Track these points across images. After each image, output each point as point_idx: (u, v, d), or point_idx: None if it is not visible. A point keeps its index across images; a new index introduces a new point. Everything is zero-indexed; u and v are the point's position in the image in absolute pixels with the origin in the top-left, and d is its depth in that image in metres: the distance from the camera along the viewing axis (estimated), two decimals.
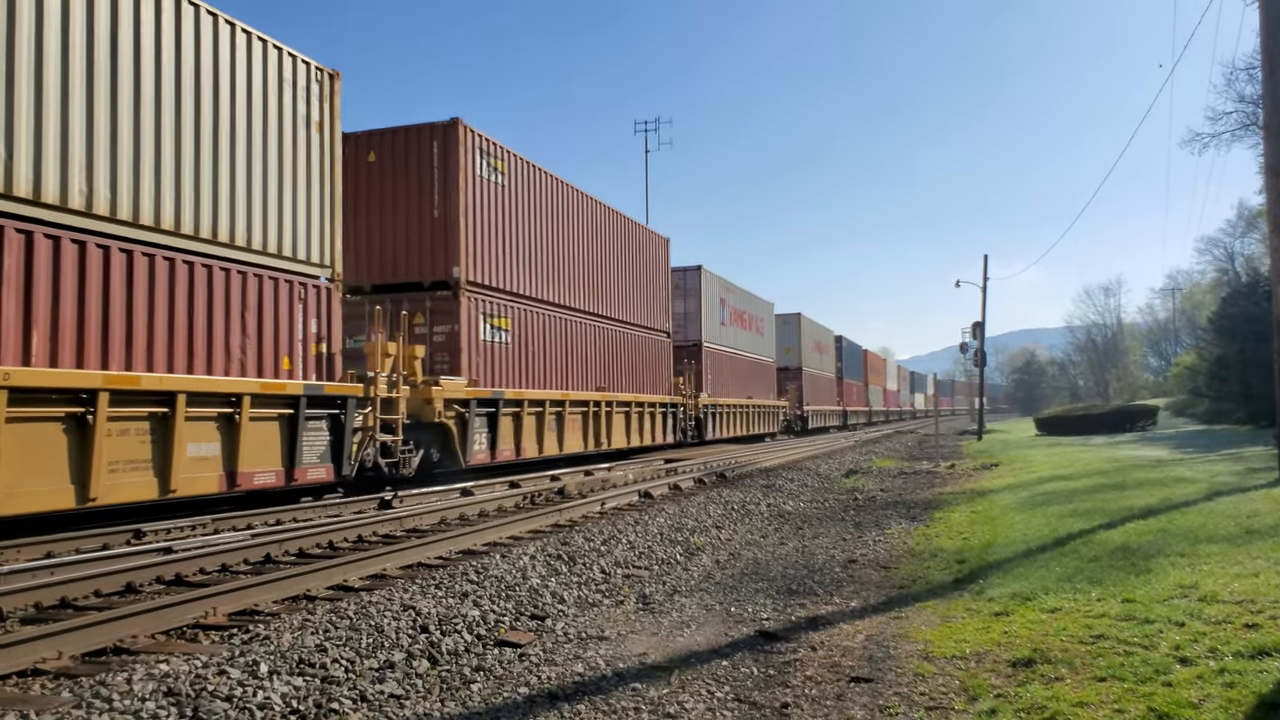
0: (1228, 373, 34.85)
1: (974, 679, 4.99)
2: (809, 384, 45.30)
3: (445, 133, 15.88)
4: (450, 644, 5.77)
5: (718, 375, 30.93)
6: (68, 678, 4.84)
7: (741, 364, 34.46)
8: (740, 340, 34.54)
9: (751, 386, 35.48)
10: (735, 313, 34.22)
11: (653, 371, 24.98)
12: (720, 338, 31.58)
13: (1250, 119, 34.00)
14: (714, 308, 31.15)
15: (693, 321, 29.53)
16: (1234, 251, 60.91)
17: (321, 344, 12.09)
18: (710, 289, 30.79)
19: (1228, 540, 8.27)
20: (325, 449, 11.94)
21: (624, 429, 22.40)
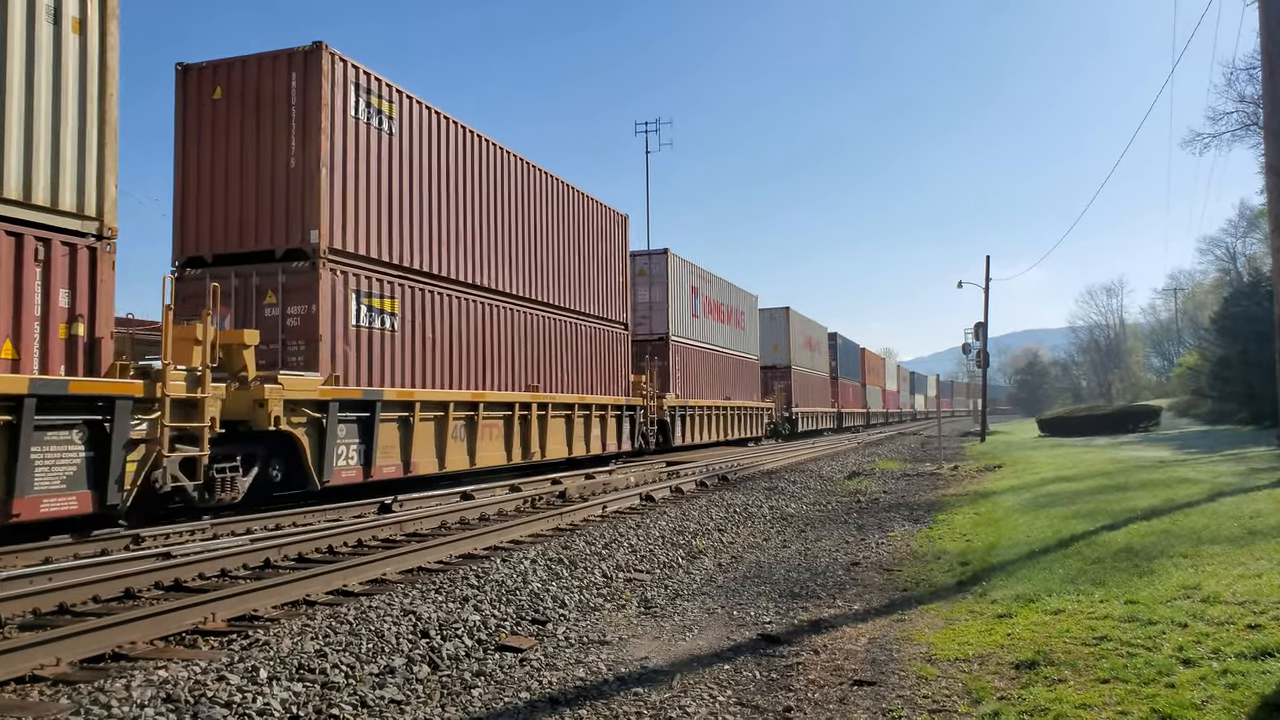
0: (1230, 373, 34.81)
1: (977, 681, 4.96)
2: (799, 384, 42.40)
3: (306, 61, 12.66)
4: (451, 649, 5.75)
5: (688, 373, 27.57)
6: (66, 684, 4.81)
7: (718, 361, 31.10)
8: (717, 335, 31.13)
9: (731, 386, 32.34)
10: (710, 304, 30.59)
11: (605, 368, 21.47)
12: (692, 331, 28.26)
13: (1251, 119, 33.98)
14: (684, 297, 27.63)
15: (658, 312, 25.91)
16: (1236, 251, 60.90)
17: (76, 324, 9.01)
18: (680, 276, 27.32)
19: (1230, 541, 8.24)
20: (78, 470, 8.73)
21: (564, 436, 18.90)
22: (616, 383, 22.13)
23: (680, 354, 26.96)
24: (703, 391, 29.00)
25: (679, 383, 26.64)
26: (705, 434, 29.11)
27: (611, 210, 22.45)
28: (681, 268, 27.68)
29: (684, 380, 27.14)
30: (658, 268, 26.32)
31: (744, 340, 34.97)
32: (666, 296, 26.22)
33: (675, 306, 26.81)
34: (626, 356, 22.83)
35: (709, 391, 29.66)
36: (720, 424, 30.76)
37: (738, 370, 33.72)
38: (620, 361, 22.46)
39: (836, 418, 52.68)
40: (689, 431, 27.62)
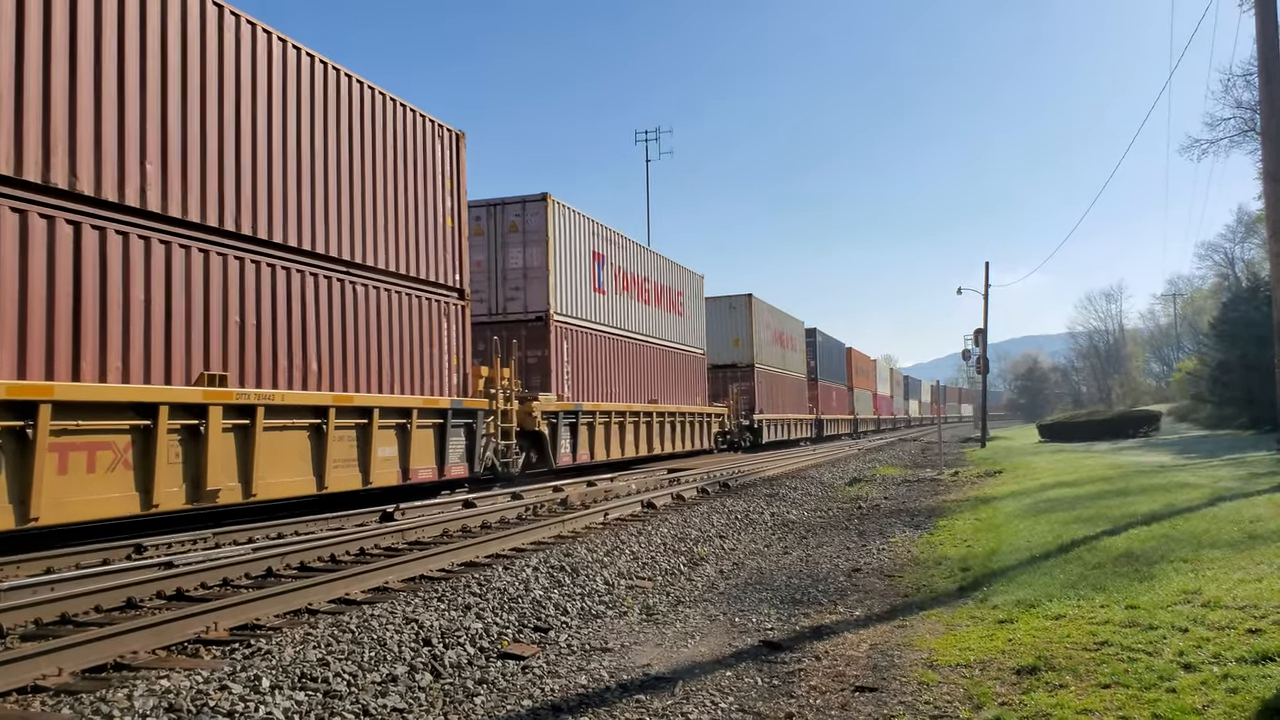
0: (1230, 378, 34.84)
1: (978, 687, 4.97)
2: (766, 386, 36.05)
3: None
4: (453, 657, 5.76)
5: (586, 367, 20.97)
6: (68, 694, 4.82)
7: (639, 353, 24.56)
8: (637, 319, 24.53)
9: (661, 386, 25.80)
10: (626, 278, 24.10)
11: (417, 354, 13.99)
12: (593, 311, 21.62)
13: (1248, 125, 34.08)
14: (578, 263, 21.03)
15: (535, 283, 19.43)
16: (1234, 257, 60.97)
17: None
18: (570, 234, 20.62)
19: (1231, 546, 8.24)
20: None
21: (311, 460, 11.48)
22: (431, 377, 14.33)
23: (571, 340, 20.21)
24: (611, 391, 22.31)
25: (568, 379, 19.97)
26: (616, 448, 22.20)
27: (428, 119, 14.66)
28: (573, 223, 20.83)
29: (578, 376, 20.45)
30: (534, 221, 19.42)
31: (683, 329, 28.48)
32: (548, 260, 19.29)
33: (563, 275, 20.10)
34: (461, 338, 15.24)
35: (623, 391, 23.03)
36: (638, 434, 23.78)
37: (672, 366, 26.86)
38: (448, 344, 14.79)
39: (815, 425, 46.05)
40: (584, 445, 20.37)
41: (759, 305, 36.07)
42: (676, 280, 28.64)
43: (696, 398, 29.25)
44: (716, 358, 34.16)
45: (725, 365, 34.56)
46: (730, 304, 35.11)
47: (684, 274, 29.50)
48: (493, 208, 19.91)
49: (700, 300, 31.11)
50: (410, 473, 13.46)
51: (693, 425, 28.13)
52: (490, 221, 19.96)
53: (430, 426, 14.13)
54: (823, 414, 47.57)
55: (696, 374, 29.67)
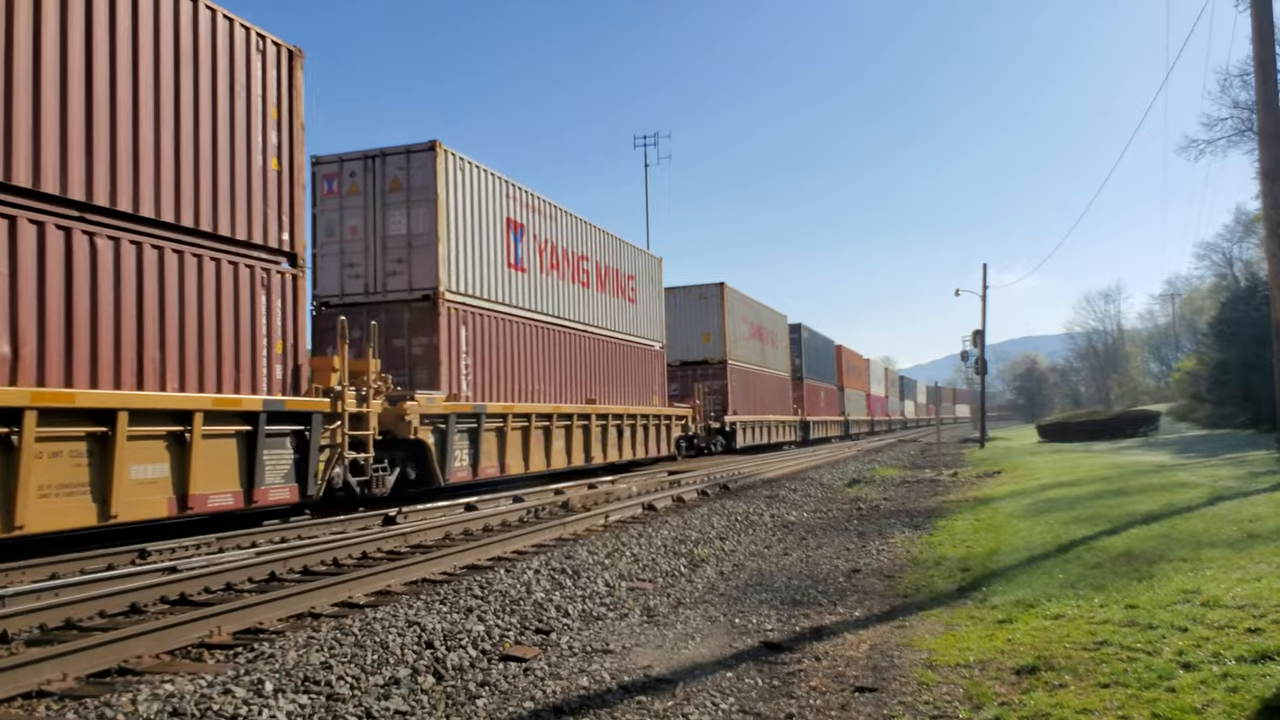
0: (1228, 377, 34.88)
1: (978, 687, 5.00)
2: (740, 384, 32.60)
3: None
4: (455, 659, 5.78)
5: (492, 359, 16.95)
6: (73, 699, 4.84)
7: (579, 345, 20.85)
8: (573, 304, 20.68)
9: (606, 383, 22.11)
10: (558, 255, 20.05)
11: (198, 337, 10.32)
12: (504, 290, 17.59)
13: (1245, 125, 34.13)
14: (484, 233, 17.00)
15: (423, 253, 15.63)
16: (1232, 256, 61.02)
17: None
18: (471, 196, 16.63)
19: (1230, 545, 8.27)
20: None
21: None
22: (248, 368, 11.00)
23: (472, 325, 16.40)
24: (530, 389, 18.34)
25: (468, 374, 16.18)
26: (538, 458, 17.93)
27: (241, 24, 11.14)
28: (477, 182, 16.85)
29: (483, 370, 16.65)
30: (421, 175, 15.77)
31: (636, 319, 24.75)
32: (438, 225, 15.56)
33: (461, 245, 16.23)
34: (293, 318, 11.85)
35: (549, 389, 19.23)
36: (577, 442, 19.68)
37: (620, 361, 23.29)
38: (269, 326, 11.38)
39: (800, 428, 42.68)
40: (490, 456, 16.26)
41: (733, 296, 32.50)
42: (627, 261, 24.28)
43: (653, 397, 25.25)
44: (684, 353, 31.29)
45: (694, 362, 31.34)
46: (700, 293, 31.61)
47: (637, 255, 25.19)
48: (370, 160, 16.14)
49: (657, 286, 26.77)
50: (192, 499, 9.81)
51: (646, 429, 23.98)
52: (368, 178, 16.22)
53: (230, 435, 10.42)
54: (809, 415, 44.12)
55: (653, 370, 25.63)
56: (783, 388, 40.15)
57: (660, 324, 27.03)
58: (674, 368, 30.43)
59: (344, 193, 16.37)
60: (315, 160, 16.46)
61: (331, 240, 16.48)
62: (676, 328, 30.86)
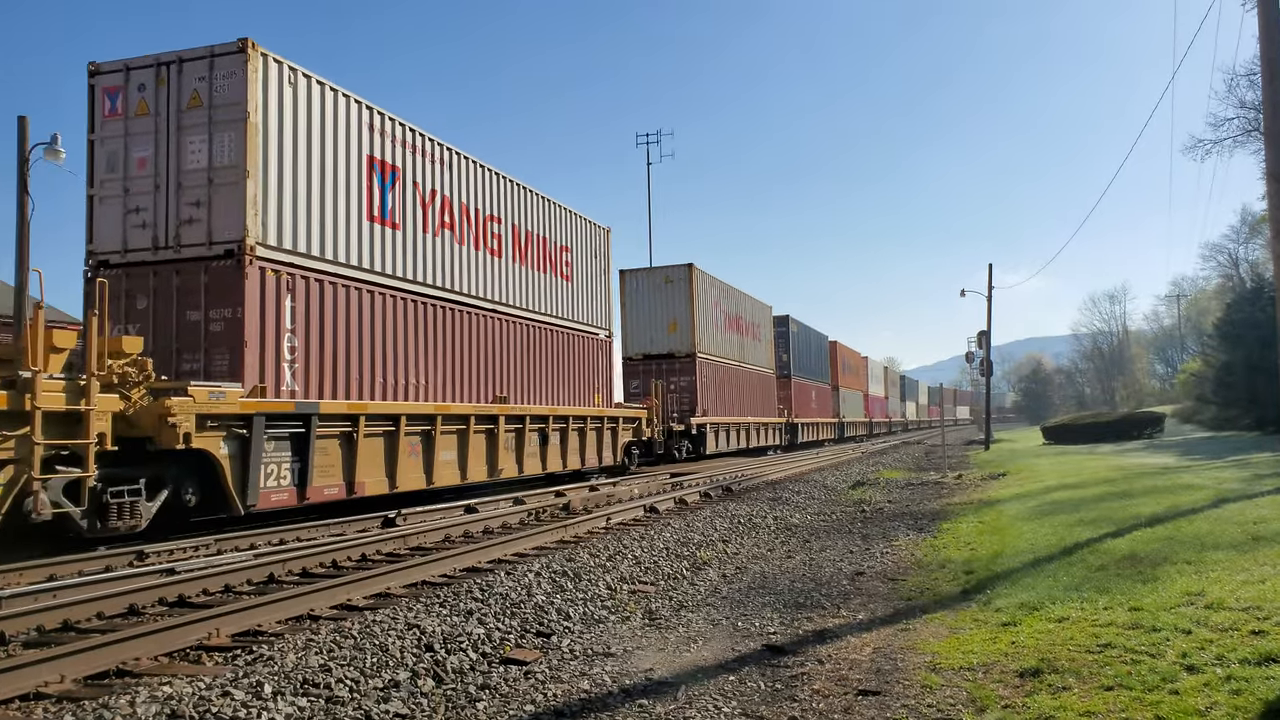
0: (1234, 379, 34.78)
1: (981, 690, 4.96)
2: (713, 381, 28.84)
3: None
4: (455, 662, 5.76)
5: (335, 342, 12.79)
6: (70, 701, 4.82)
7: (485, 328, 16.56)
8: (474, 275, 16.22)
9: (527, 378, 17.81)
10: (452, 211, 15.77)
11: None
12: (355, 250, 13.28)
13: (1252, 125, 34.05)
14: (329, 172, 12.86)
15: (226, 193, 11.60)
16: (1238, 257, 60.87)
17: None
18: (305, 118, 12.48)
19: (1234, 547, 8.22)
20: None
21: None
22: None
23: (302, 293, 12.21)
24: (401, 383, 14.03)
25: (296, 359, 12.06)
26: (412, 473, 13.89)
27: None
28: (318, 101, 12.63)
29: (324, 355, 12.52)
30: (229, 89, 11.67)
31: (572, 300, 20.26)
32: (246, 157, 11.47)
33: (286, 185, 12.03)
34: None
35: (435, 384, 14.90)
36: (478, 450, 15.61)
37: (549, 350, 18.94)
38: None
39: (787, 430, 38.78)
40: (331, 472, 12.28)
41: (704, 280, 28.69)
42: (560, 229, 19.79)
43: (595, 395, 21.01)
44: (646, 345, 27.65)
45: (659, 356, 27.59)
46: (665, 276, 27.67)
47: (575, 222, 20.59)
48: (165, 68, 11.92)
49: (603, 261, 22.19)
50: None
51: (583, 434, 19.78)
52: (162, 92, 11.93)
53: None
54: (797, 417, 40.37)
55: (596, 363, 21.31)
56: (766, 386, 36.19)
57: (606, 308, 22.12)
58: (634, 362, 27.72)
59: (130, 113, 12.01)
60: (94, 69, 12.15)
61: (113, 178, 12.00)
62: (638, 316, 27.84)
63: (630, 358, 27.77)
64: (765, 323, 37.03)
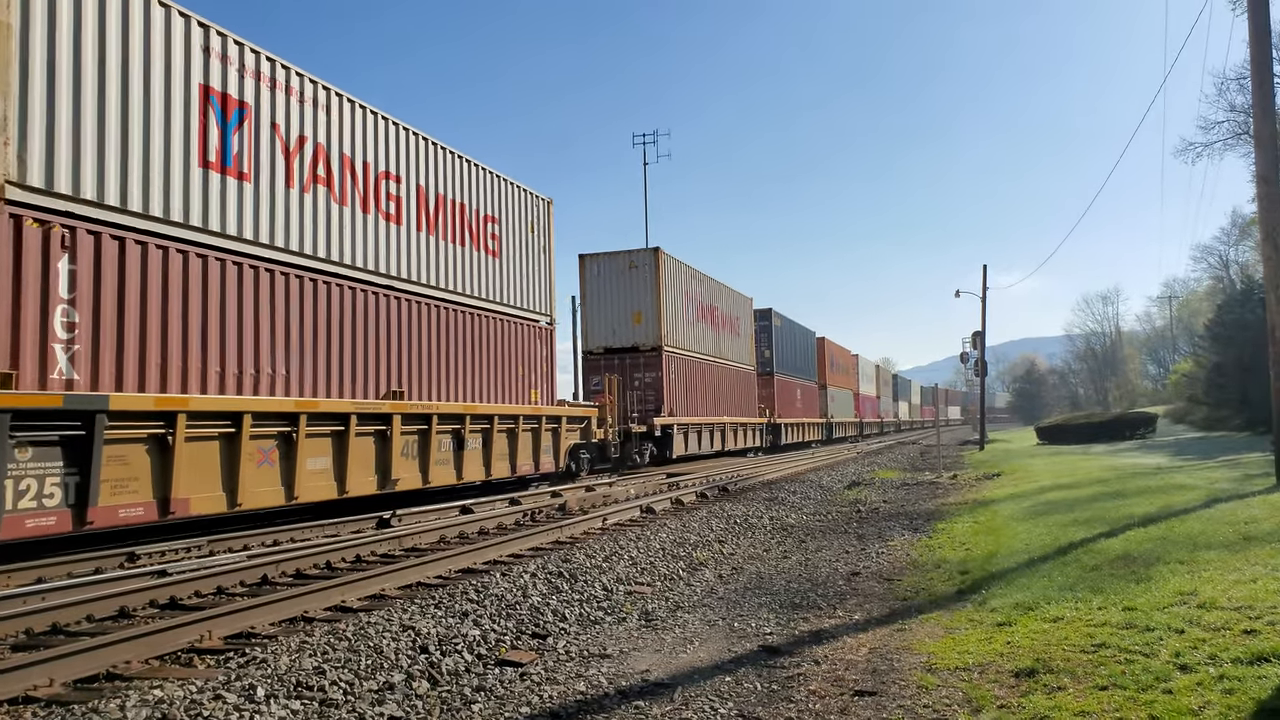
0: (1225, 380, 34.94)
1: (977, 690, 4.96)
2: (681, 377, 26.43)
3: None
4: (450, 664, 5.73)
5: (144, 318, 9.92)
6: (60, 705, 4.79)
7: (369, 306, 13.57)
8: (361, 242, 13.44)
9: (430, 369, 14.88)
10: (323, 159, 12.90)
11: None
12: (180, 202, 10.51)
13: (1242, 128, 34.23)
14: (137, 98, 10.03)
15: None
16: (1229, 259, 61.19)
17: None
18: (92, 23, 9.51)
19: (1226, 547, 8.24)
20: None
21: None
22: None
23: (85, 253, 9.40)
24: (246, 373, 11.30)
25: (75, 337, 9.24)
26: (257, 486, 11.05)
27: None
28: (118, 6, 9.87)
29: (125, 334, 9.77)
30: None
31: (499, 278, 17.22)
32: None
33: (59, 107, 9.22)
34: None
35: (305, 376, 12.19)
36: (358, 455, 12.69)
37: (470, 337, 16.11)
38: None
39: (768, 431, 36.56)
40: (138, 486, 9.46)
41: (673, 266, 26.30)
42: (484, 195, 16.91)
43: (532, 391, 18.15)
44: (608, 338, 25.45)
45: (622, 349, 25.33)
46: (629, 261, 25.20)
47: (504, 189, 17.60)
48: None
49: (542, 238, 19.14)
50: None
51: (513, 435, 16.72)
52: None
53: None
54: (781, 417, 37.94)
55: (533, 354, 18.30)
56: (745, 384, 33.69)
57: (547, 291, 19.30)
58: (595, 356, 25.60)
59: None
60: None
61: None
62: (599, 305, 25.69)
63: (590, 352, 25.61)
64: (745, 316, 34.56)
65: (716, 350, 30.41)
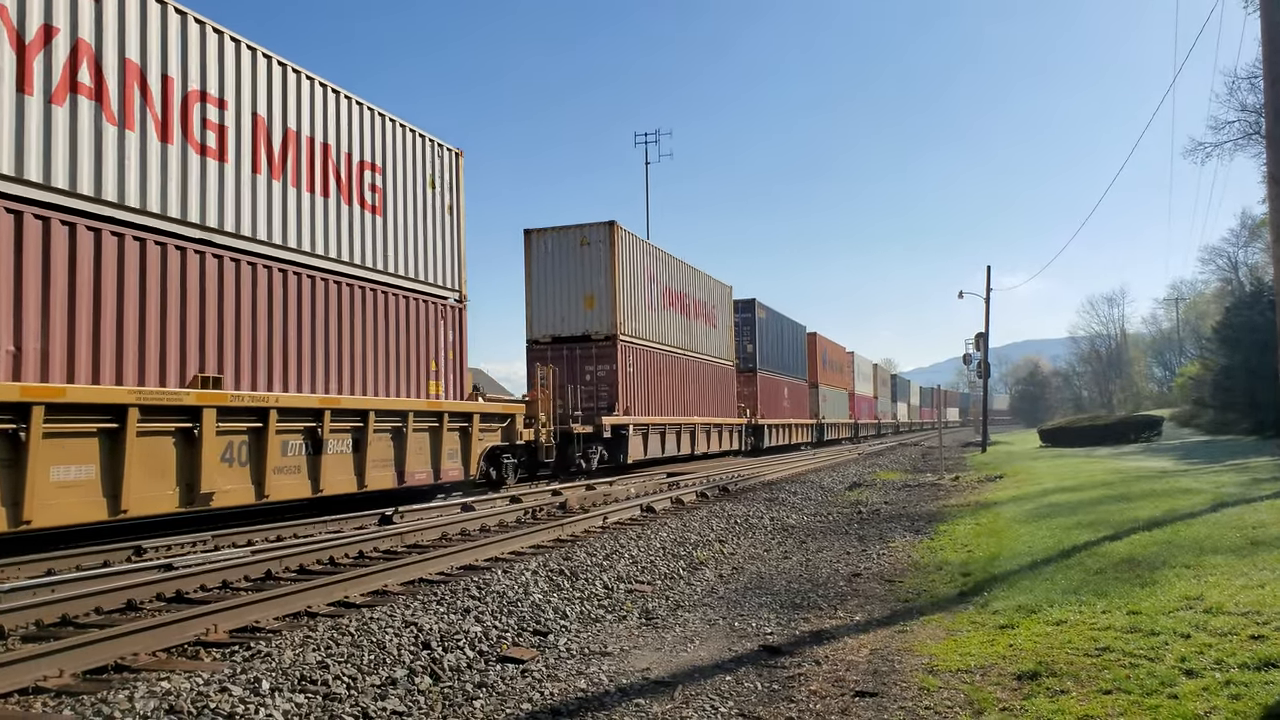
0: (1232, 383, 34.79)
1: (978, 692, 4.96)
2: (640, 370, 23.51)
3: None
4: (452, 660, 5.75)
5: None
6: (69, 696, 4.82)
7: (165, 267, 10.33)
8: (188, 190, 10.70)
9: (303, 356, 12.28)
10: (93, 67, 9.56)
11: None
12: None
13: (1253, 128, 34.10)
14: None
15: None
16: (1237, 261, 60.97)
17: None
18: None
19: (1233, 551, 8.23)
20: None
21: None
22: None
23: None
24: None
25: None
26: None
27: None
28: None
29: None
30: None
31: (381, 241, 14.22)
32: None
33: None
34: None
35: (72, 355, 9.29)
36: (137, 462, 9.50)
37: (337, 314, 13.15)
38: None
39: (748, 433, 33.60)
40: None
41: (630, 244, 23.19)
42: (361, 138, 13.85)
43: (432, 382, 15.15)
44: (556, 325, 22.58)
45: (572, 338, 22.41)
46: (582, 237, 22.22)
47: (387, 130, 14.46)
48: None
49: (450, 197, 15.96)
50: None
51: (400, 437, 13.86)
52: None
53: None
54: (764, 417, 35.14)
55: (433, 338, 15.26)
56: (722, 380, 30.82)
57: (454, 260, 16.11)
58: (541, 346, 22.52)
59: None
60: None
61: None
62: (546, 287, 22.75)
63: (536, 341, 22.74)
64: (723, 306, 31.78)
65: (687, 342, 27.55)
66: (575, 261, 22.54)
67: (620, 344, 22.44)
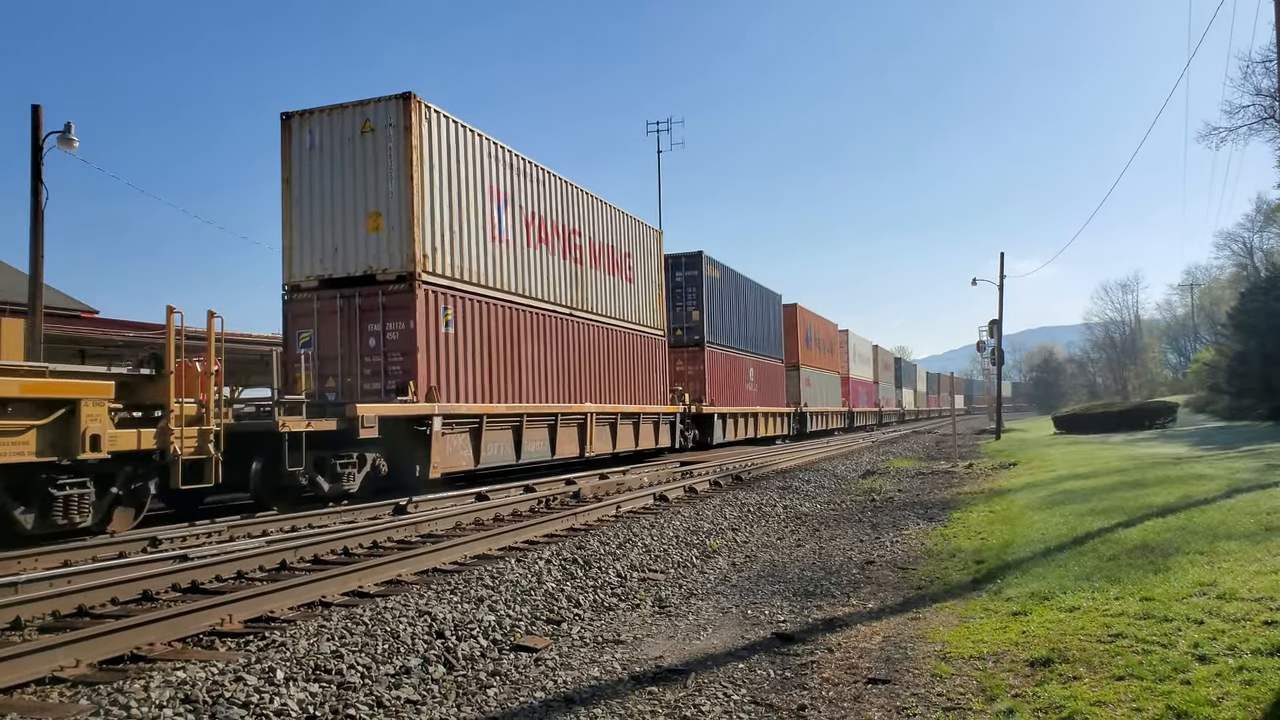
0: (1248, 369, 34.51)
1: (992, 679, 4.95)
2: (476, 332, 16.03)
3: None
4: (466, 649, 5.78)
5: None
6: (86, 685, 4.87)
7: None
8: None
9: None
10: None
11: None
12: None
13: (1267, 112, 33.72)
14: None
15: None
16: (1253, 246, 60.40)
17: None
18: None
19: (1247, 538, 8.17)
20: None
21: None
22: None
23: None
24: None
25: None
26: None
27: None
28: None
29: None
30: None
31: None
32: None
33: None
34: None
35: None
36: None
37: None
38: None
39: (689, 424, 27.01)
40: None
41: (449, 133, 15.59)
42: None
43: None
44: (326, 263, 14.98)
45: (349, 280, 14.86)
46: (365, 122, 14.77)
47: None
48: None
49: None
50: None
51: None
52: None
53: None
54: (716, 403, 28.30)
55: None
56: (642, 354, 23.73)
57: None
58: (304, 294, 15.12)
59: None
60: None
61: None
62: (312, 203, 15.17)
63: (297, 286, 15.20)
64: (648, 256, 24.59)
65: (571, 295, 20.03)
66: (356, 160, 14.83)
67: (423, 288, 14.59)
